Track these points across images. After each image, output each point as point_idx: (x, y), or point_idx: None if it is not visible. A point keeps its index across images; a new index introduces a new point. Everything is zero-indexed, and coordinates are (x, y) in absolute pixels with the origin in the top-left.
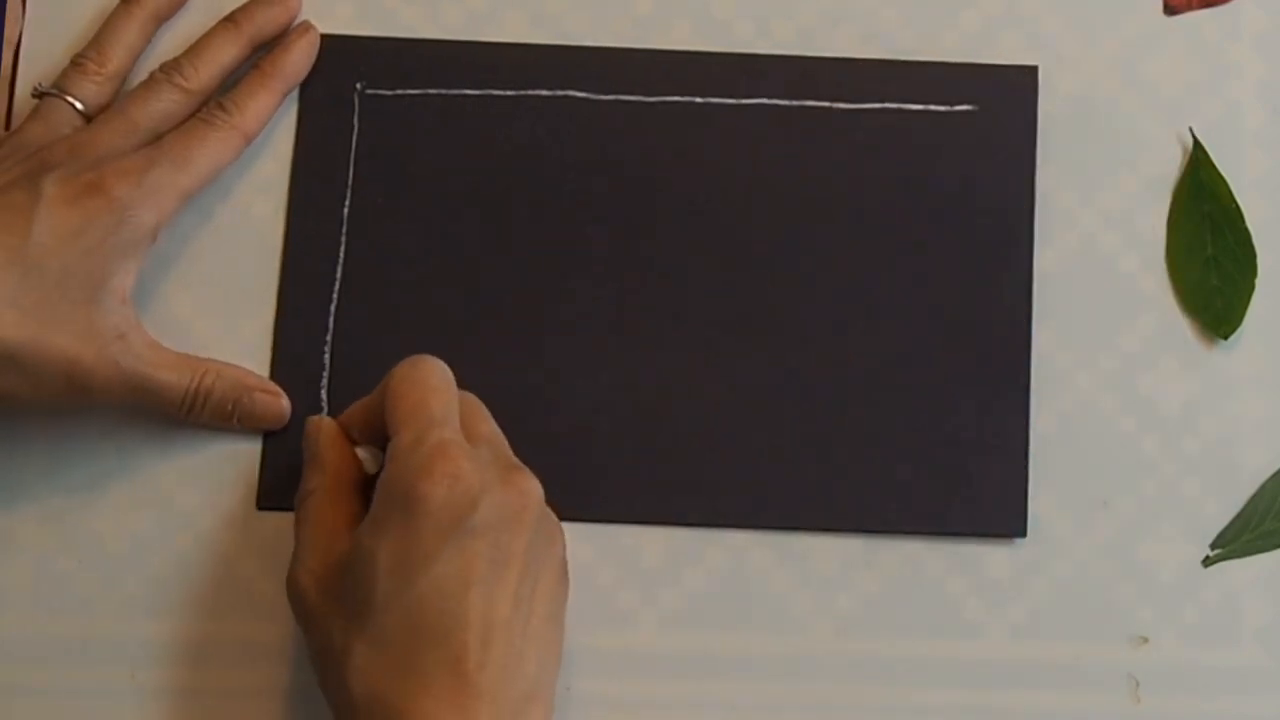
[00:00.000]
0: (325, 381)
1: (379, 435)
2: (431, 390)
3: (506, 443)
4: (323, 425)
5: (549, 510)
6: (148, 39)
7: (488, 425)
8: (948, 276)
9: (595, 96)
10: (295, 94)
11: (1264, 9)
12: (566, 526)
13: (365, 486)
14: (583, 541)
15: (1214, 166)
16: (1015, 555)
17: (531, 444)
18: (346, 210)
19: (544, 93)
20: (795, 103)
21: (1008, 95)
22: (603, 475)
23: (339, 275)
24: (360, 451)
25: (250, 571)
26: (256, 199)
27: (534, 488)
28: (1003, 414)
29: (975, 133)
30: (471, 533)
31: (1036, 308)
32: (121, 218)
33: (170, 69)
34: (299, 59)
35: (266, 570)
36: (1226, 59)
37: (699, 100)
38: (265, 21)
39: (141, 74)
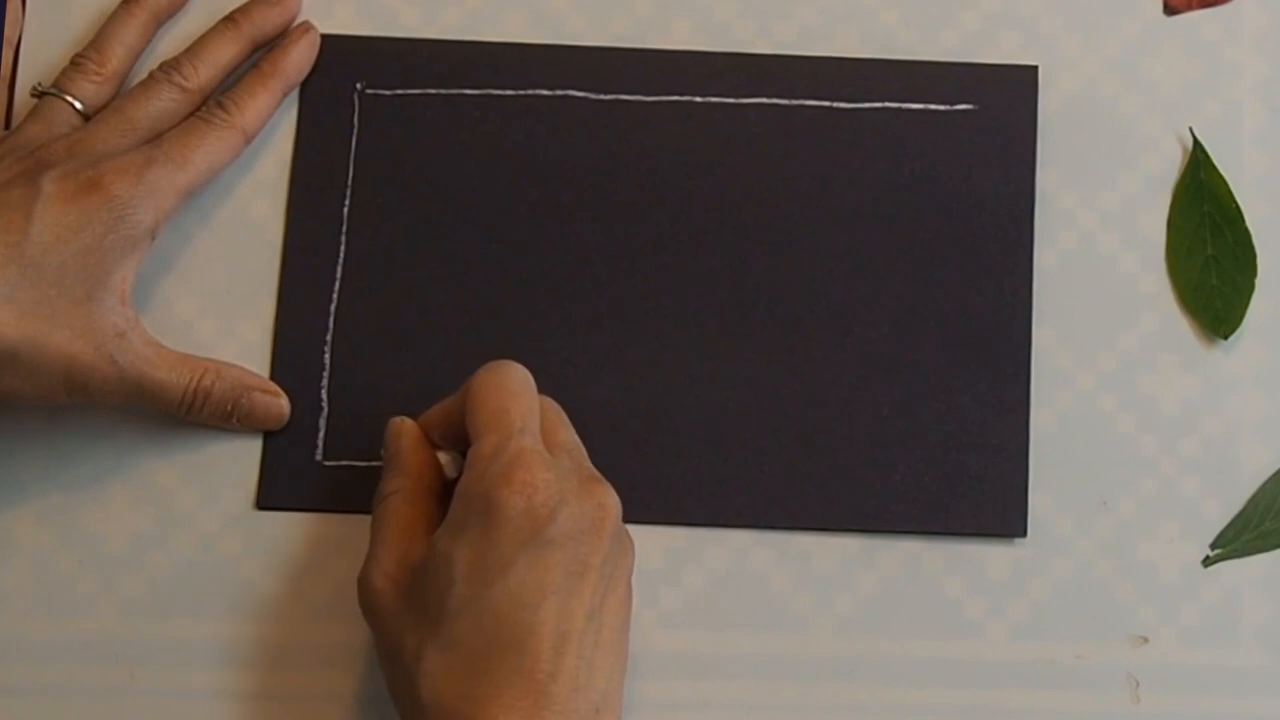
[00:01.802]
0: (325, 381)
1: (459, 439)
2: (512, 396)
3: (585, 452)
4: (405, 428)
5: (623, 525)
6: (148, 39)
7: (567, 433)
8: (948, 276)
9: (595, 96)
10: (295, 94)
11: (1264, 9)
12: None
13: (444, 491)
14: None
15: (1214, 166)
16: (1015, 555)
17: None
18: (346, 210)
19: (544, 93)
20: (795, 102)
21: (1007, 95)
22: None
23: (339, 275)
24: (441, 456)
25: (250, 572)
26: (256, 199)
27: (612, 501)
28: (1003, 414)
29: (975, 132)
30: (549, 543)
31: (1036, 308)
32: (120, 216)
33: (170, 68)
34: (299, 59)
35: (266, 570)
36: (1226, 59)
37: (699, 100)
38: (265, 21)
39: (141, 74)
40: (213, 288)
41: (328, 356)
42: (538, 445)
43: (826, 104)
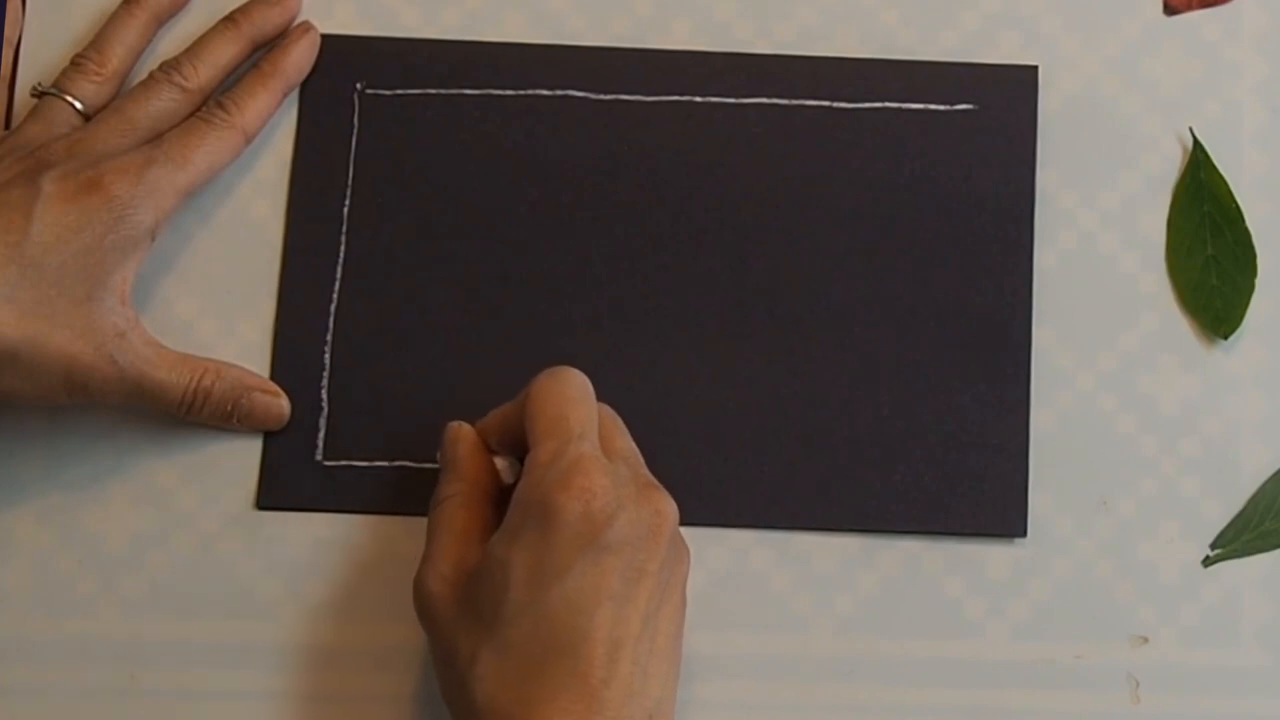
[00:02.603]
0: (325, 381)
1: (516, 445)
2: (571, 403)
3: (641, 459)
4: (462, 433)
5: (680, 532)
6: (148, 40)
7: (625, 440)
8: (948, 276)
9: (595, 96)
10: (295, 94)
11: (1264, 9)
12: None
13: (500, 497)
14: None
15: (1214, 166)
16: (1015, 555)
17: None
18: (346, 210)
19: (544, 93)
20: (795, 102)
21: (1007, 95)
22: None
23: (339, 275)
24: (498, 461)
25: (250, 572)
26: (256, 199)
27: (670, 508)
28: (1003, 414)
29: (975, 132)
30: (606, 548)
31: (1036, 308)
32: (120, 216)
33: (170, 68)
34: (299, 59)
35: (266, 570)
36: (1226, 59)
37: (699, 100)
38: (265, 21)
39: (141, 74)
40: (213, 288)
41: (328, 356)
42: (596, 451)
43: (826, 104)
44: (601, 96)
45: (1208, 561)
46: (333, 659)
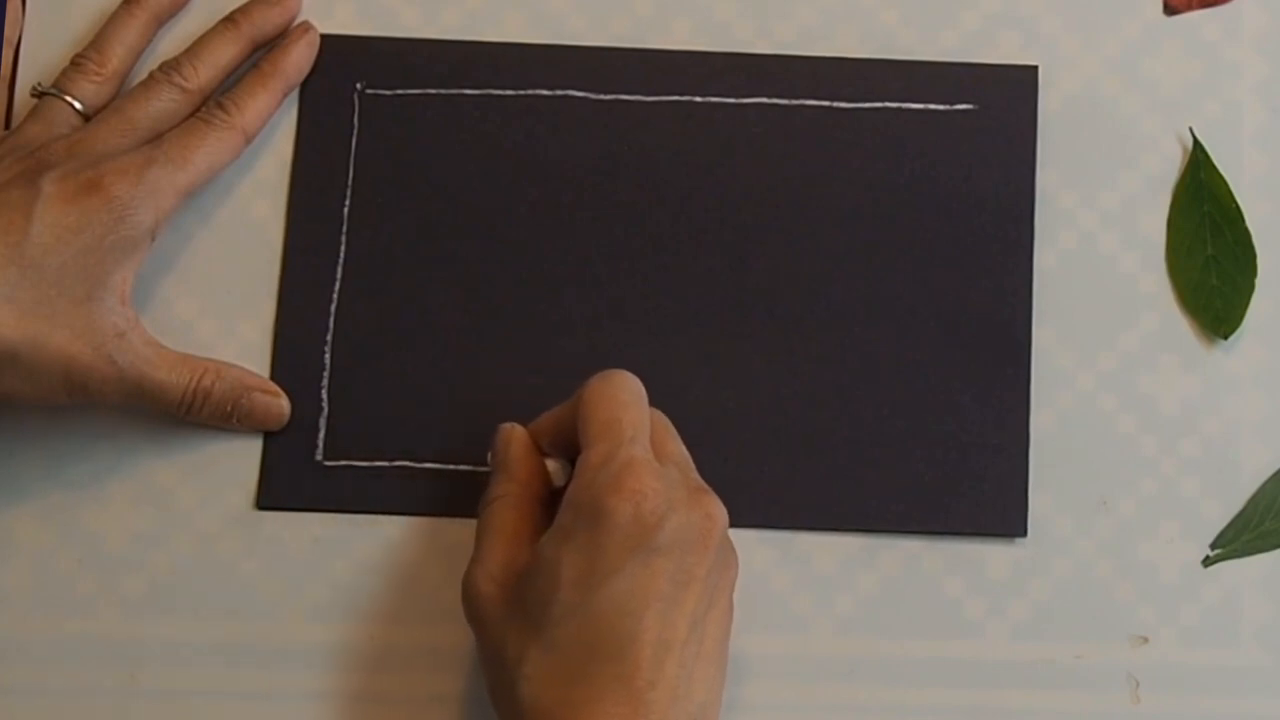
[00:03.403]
0: (325, 381)
1: (567, 447)
2: (624, 406)
3: (692, 464)
4: (514, 434)
5: (729, 537)
6: (148, 40)
7: (676, 445)
8: (948, 276)
9: (595, 96)
10: (295, 94)
11: (1264, 9)
12: None
13: (550, 499)
14: None
15: (1214, 166)
16: (1015, 555)
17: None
18: (346, 210)
19: (544, 93)
20: (795, 102)
21: (1007, 95)
22: None
23: (339, 275)
24: (549, 463)
25: (250, 572)
26: (256, 199)
27: (720, 512)
28: (1003, 414)
29: (975, 132)
30: (656, 551)
31: (1036, 308)
32: (120, 216)
33: (170, 69)
34: (299, 59)
35: (266, 570)
36: (1226, 59)
37: (699, 100)
38: (265, 21)
39: (141, 74)
40: (213, 288)
41: (328, 356)
42: (648, 455)
43: (826, 104)
44: (601, 96)
45: (1208, 561)
46: (332, 659)
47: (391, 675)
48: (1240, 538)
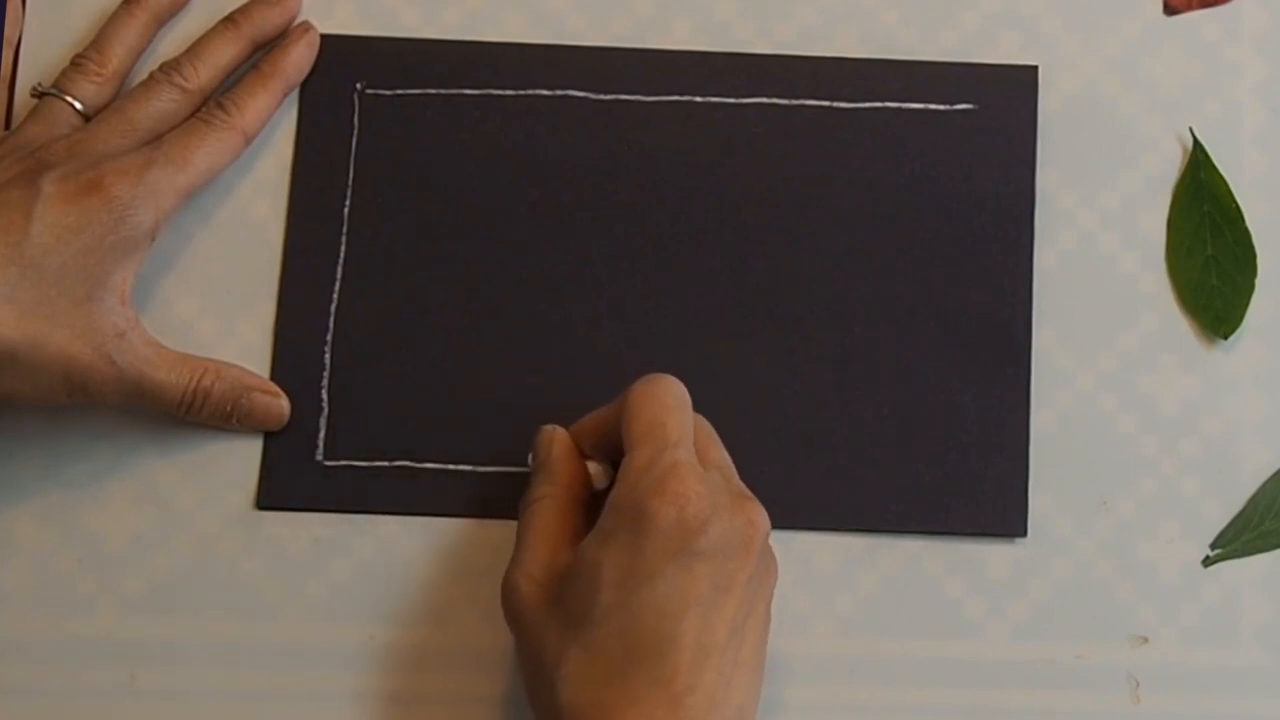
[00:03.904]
0: (325, 381)
1: (609, 450)
2: (668, 410)
3: (735, 470)
4: (556, 436)
5: (770, 544)
6: (148, 40)
7: (719, 450)
8: (948, 276)
9: (595, 96)
10: (295, 94)
11: (1264, 9)
12: None
13: (591, 500)
14: None
15: (1214, 166)
16: (1015, 555)
17: (531, 445)
18: (346, 210)
19: (544, 93)
20: (795, 102)
21: (1007, 95)
22: None
23: (339, 275)
24: (591, 466)
25: (250, 572)
26: (256, 199)
27: (762, 519)
28: (1003, 414)
29: (975, 132)
30: (698, 555)
31: (1036, 308)
32: (120, 217)
33: (170, 69)
34: (299, 59)
35: (266, 570)
36: (1226, 59)
37: (699, 100)
38: (265, 21)
39: (142, 74)
40: (213, 288)
41: (328, 356)
42: (692, 459)
43: (826, 104)
44: (601, 96)
45: (1208, 561)
46: (332, 659)
47: (392, 675)
48: (1240, 538)
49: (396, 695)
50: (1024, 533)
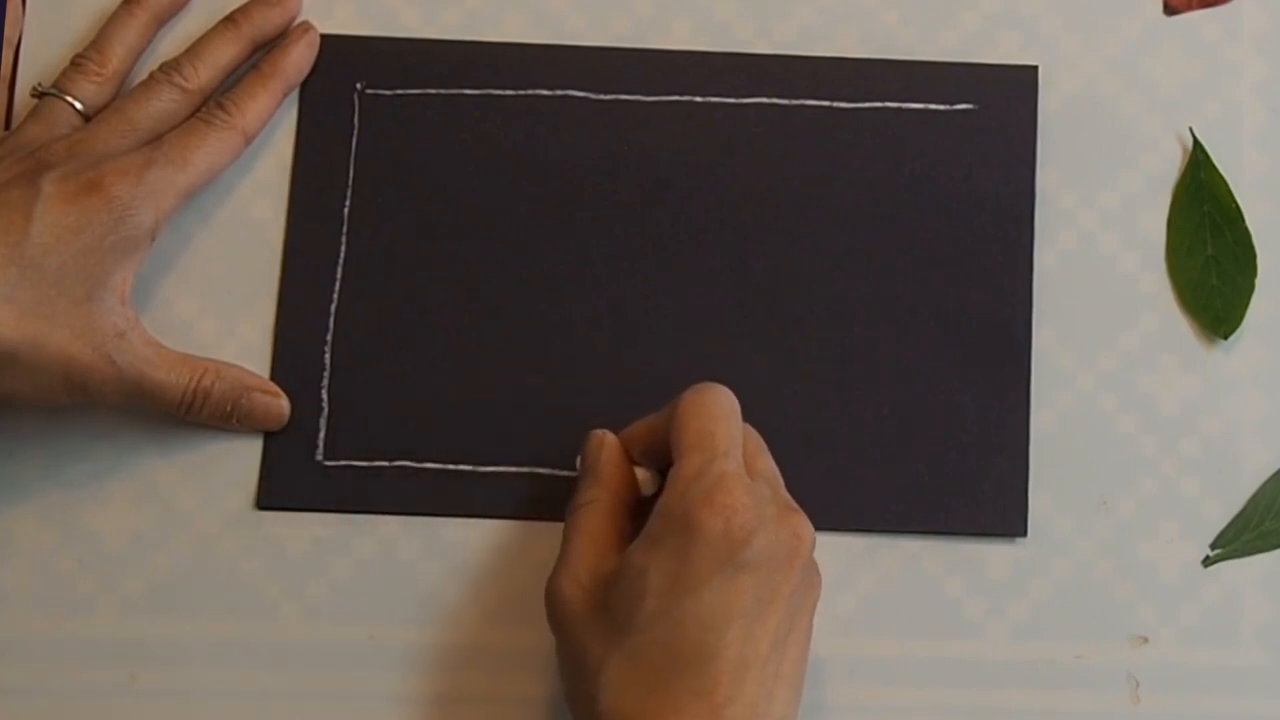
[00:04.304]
0: (325, 381)
1: (658, 457)
2: (718, 420)
3: (782, 482)
4: (606, 441)
5: (814, 558)
6: (148, 40)
7: (767, 461)
8: (948, 276)
9: (595, 96)
10: (295, 94)
11: (1264, 9)
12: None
13: (639, 506)
14: None
15: (1214, 166)
16: (1015, 555)
17: (531, 444)
18: (346, 210)
19: (544, 93)
20: (795, 102)
21: (1007, 95)
22: None
23: (339, 275)
24: (639, 472)
25: (250, 572)
26: (256, 199)
27: (808, 532)
28: (1003, 414)
29: (975, 132)
30: (743, 567)
31: (1036, 308)
32: (120, 217)
33: (170, 69)
34: (299, 59)
35: (266, 570)
36: (1226, 59)
37: (699, 100)
38: (265, 22)
39: (142, 74)
40: (213, 288)
41: (328, 356)
42: (740, 470)
43: (826, 104)
44: (601, 96)
45: (1208, 561)
46: (332, 659)
47: (391, 675)
48: (1240, 538)
49: (396, 695)
50: (1024, 533)
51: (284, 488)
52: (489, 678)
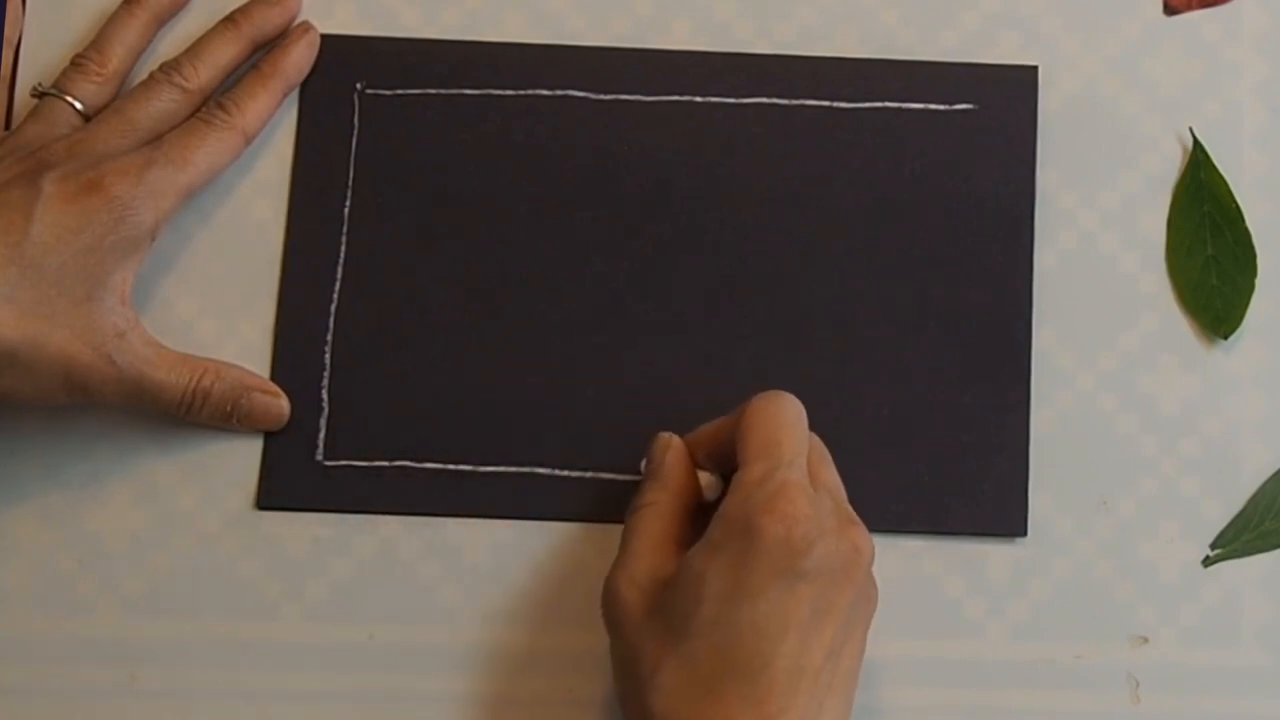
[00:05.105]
0: (325, 381)
1: (723, 462)
2: (784, 428)
3: (845, 494)
4: (672, 443)
5: (872, 572)
6: (148, 40)
7: (831, 472)
8: (948, 276)
9: (595, 96)
10: (295, 94)
11: (1264, 9)
12: (565, 527)
13: (700, 510)
14: (583, 542)
15: (1214, 166)
16: (1015, 555)
17: (531, 444)
18: (347, 210)
19: (544, 93)
20: (795, 102)
21: (1007, 95)
22: (605, 475)
23: (339, 275)
24: (703, 476)
25: (250, 572)
26: (256, 199)
27: (868, 544)
28: (1003, 414)
29: (975, 132)
30: (802, 576)
31: (1036, 308)
32: (120, 217)
33: (170, 69)
34: (299, 59)
35: (266, 570)
36: (1226, 59)
37: (699, 100)
38: (265, 22)
39: (142, 74)
40: (213, 288)
41: (328, 356)
42: (803, 479)
43: (826, 104)
44: (601, 96)
45: (1208, 561)
46: (332, 659)
47: (391, 675)
48: (1240, 538)
49: (396, 695)
50: (1024, 533)
51: (284, 488)
52: (489, 677)
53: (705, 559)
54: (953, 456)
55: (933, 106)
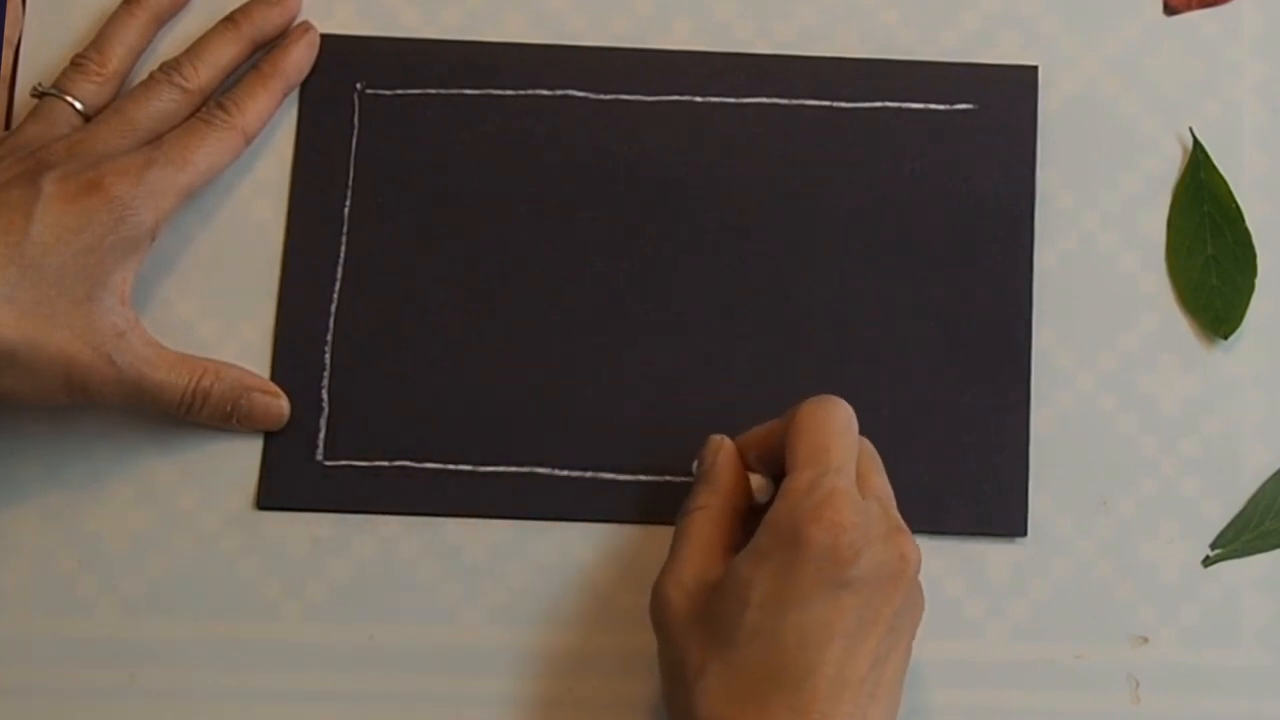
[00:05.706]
0: (325, 381)
1: (773, 465)
2: (834, 434)
3: (894, 501)
4: (724, 446)
5: (919, 580)
6: (148, 40)
7: (880, 479)
8: (947, 276)
9: (595, 96)
10: (295, 94)
11: (1264, 9)
12: (566, 527)
13: (750, 514)
14: (583, 542)
15: (1214, 166)
16: (1015, 555)
17: (532, 444)
18: (347, 210)
19: (544, 93)
20: (795, 102)
21: (1007, 95)
22: (605, 475)
23: (339, 275)
24: (754, 479)
25: (250, 572)
26: (256, 199)
27: (914, 553)
28: (1003, 414)
29: (975, 132)
30: (847, 585)
31: (1036, 308)
32: (120, 217)
33: (170, 69)
34: (299, 59)
35: (266, 570)
36: (1226, 59)
37: (699, 100)
38: (265, 21)
39: (142, 74)
40: (213, 288)
41: (328, 356)
42: (851, 487)
43: (826, 104)
44: (601, 96)
45: (1208, 561)
46: (332, 659)
47: (391, 675)
48: (1240, 538)
49: (396, 695)
50: (1024, 533)
51: (284, 488)
52: (489, 678)
53: (752, 566)
54: (953, 456)
55: (933, 106)
